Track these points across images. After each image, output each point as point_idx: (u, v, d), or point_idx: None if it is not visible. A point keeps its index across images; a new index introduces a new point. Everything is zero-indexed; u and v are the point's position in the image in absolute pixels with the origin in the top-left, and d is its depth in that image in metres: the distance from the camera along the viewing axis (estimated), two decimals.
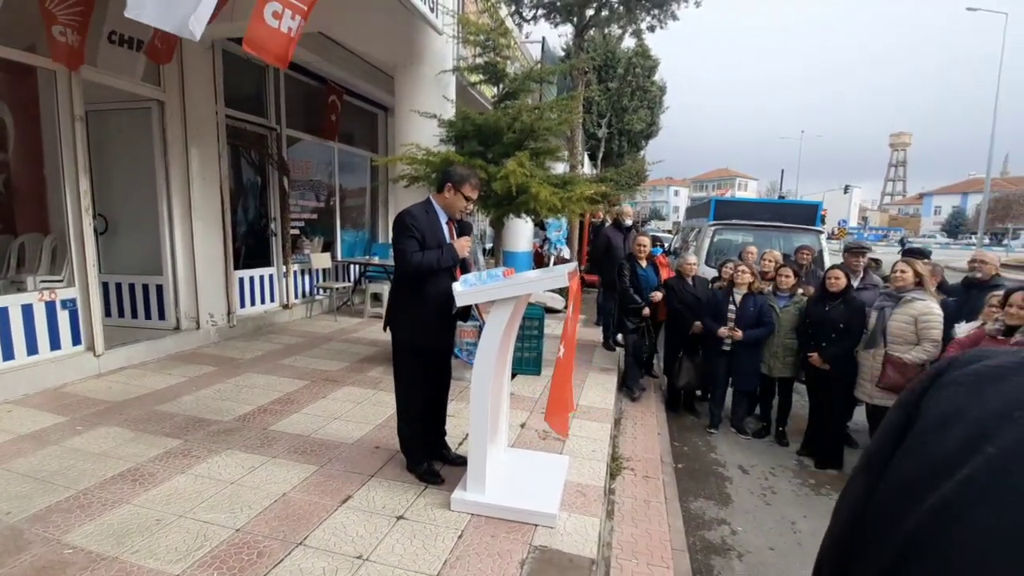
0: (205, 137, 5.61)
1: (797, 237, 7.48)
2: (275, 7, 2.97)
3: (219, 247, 5.87)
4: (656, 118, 21.35)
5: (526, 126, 3.90)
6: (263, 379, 4.60)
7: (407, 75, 4.81)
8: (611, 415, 4.26)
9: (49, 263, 4.69)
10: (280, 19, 2.98)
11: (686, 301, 5.02)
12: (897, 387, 3.83)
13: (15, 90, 4.70)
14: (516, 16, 8.74)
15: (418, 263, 2.68)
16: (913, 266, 3.98)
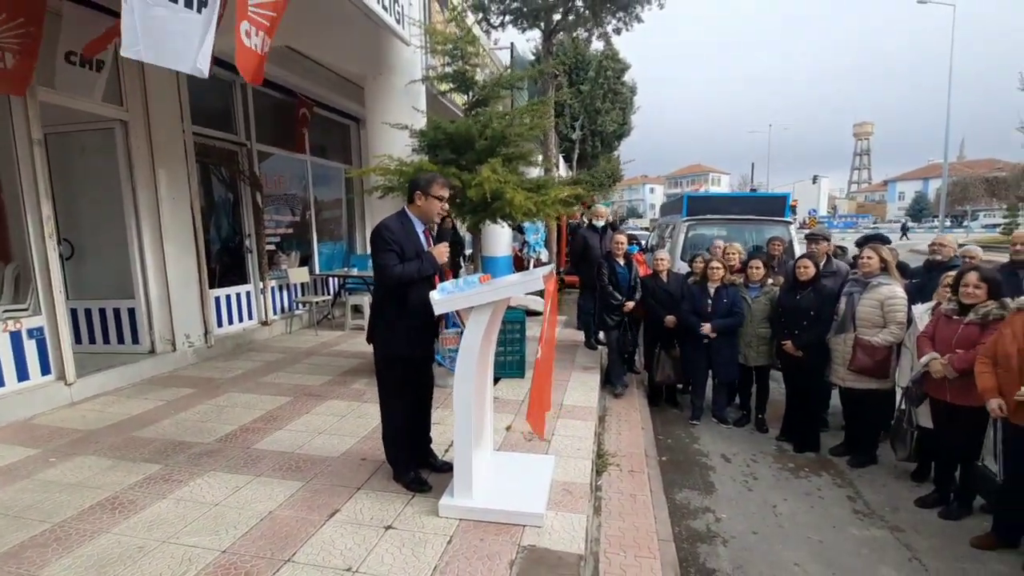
0: (173, 156, 5.52)
1: (769, 229, 7.66)
2: (245, 26, 2.97)
3: (192, 266, 5.78)
4: (628, 118, 21.68)
5: (497, 133, 3.95)
6: (244, 398, 4.54)
7: (377, 86, 4.82)
8: (595, 413, 4.31)
9: (12, 292, 4.56)
10: (250, 36, 2.97)
11: (659, 297, 5.12)
12: (867, 369, 3.95)
13: None
14: (484, 23, 8.80)
15: (399, 275, 2.69)
16: (879, 252, 4.12)
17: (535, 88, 10.19)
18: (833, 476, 4.02)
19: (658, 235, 11.28)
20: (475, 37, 4.61)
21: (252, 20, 3.00)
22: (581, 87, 17.92)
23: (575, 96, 17.82)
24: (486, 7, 8.33)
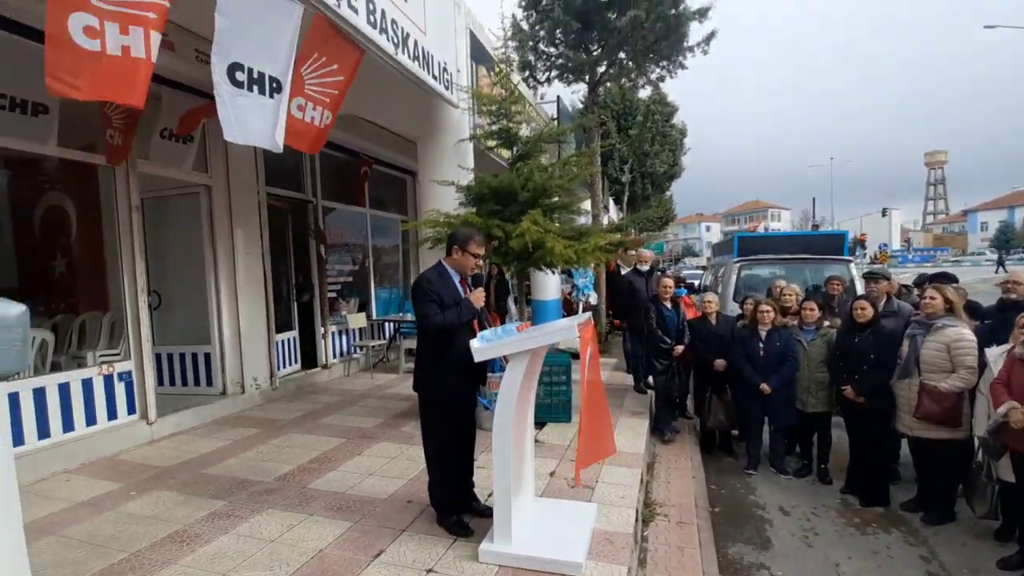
0: (248, 214, 6.10)
1: (828, 268, 7.39)
2: (299, 101, 3.36)
3: (262, 314, 6.26)
4: (678, 159, 21.69)
5: (538, 185, 4.15)
6: (303, 438, 4.80)
7: (428, 146, 5.19)
8: (642, 460, 4.23)
9: (108, 339, 5.11)
10: (304, 111, 3.35)
11: (708, 341, 5.03)
12: (935, 417, 3.70)
13: (78, 184, 5.28)
14: (531, 79, 9.26)
15: (441, 323, 2.86)
16: (943, 292, 3.92)
17: (582, 137, 10.49)
18: (904, 533, 3.72)
19: (712, 276, 11.07)
20: (519, 97, 4.91)
21: (309, 96, 3.38)
22: (630, 131, 18.20)
23: (623, 141, 18.09)
24: (532, 65, 8.79)
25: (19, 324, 0.41)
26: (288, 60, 3.08)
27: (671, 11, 7.49)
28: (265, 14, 2.88)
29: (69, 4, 2.11)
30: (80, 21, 2.15)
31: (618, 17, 7.60)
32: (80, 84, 2.19)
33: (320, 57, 3.45)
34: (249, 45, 2.85)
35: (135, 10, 2.29)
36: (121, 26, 2.26)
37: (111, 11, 2.22)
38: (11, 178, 5.30)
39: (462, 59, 5.22)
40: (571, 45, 8.31)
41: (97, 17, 2.20)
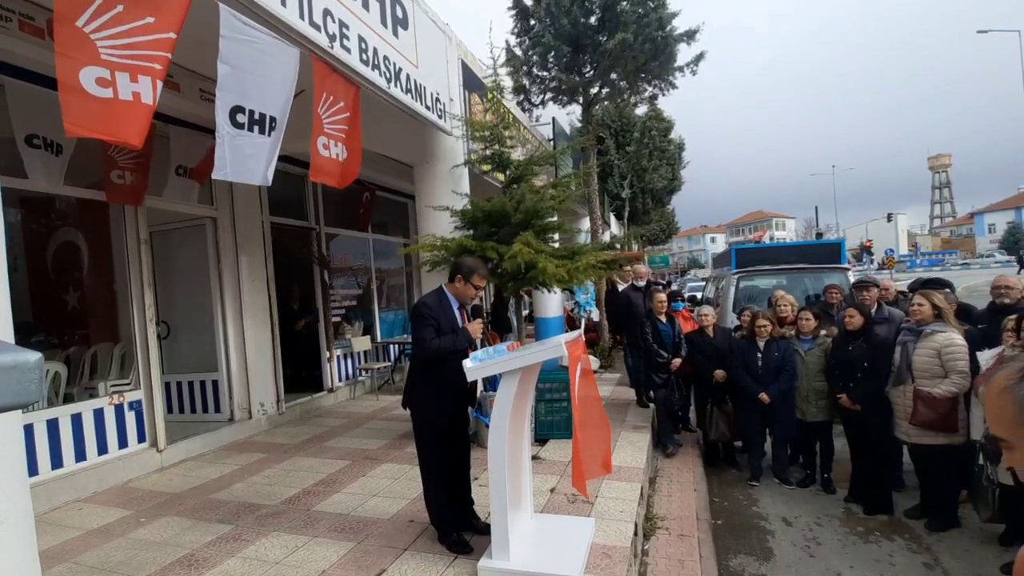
0: (253, 243, 6.27)
1: (826, 276, 7.43)
2: (323, 140, 3.56)
3: (268, 341, 6.38)
4: (677, 174, 21.88)
5: (530, 207, 4.28)
6: (308, 462, 4.87)
7: (424, 172, 5.36)
8: (642, 474, 4.26)
9: (119, 369, 5.24)
10: (328, 149, 3.55)
11: (706, 353, 5.09)
12: (931, 423, 3.73)
13: (89, 220, 5.48)
14: (526, 103, 9.48)
15: (436, 348, 2.96)
16: (930, 298, 3.98)
17: (579, 155, 10.67)
18: (908, 541, 3.73)
19: (713, 288, 11.11)
20: (511, 122, 5.07)
21: (329, 135, 3.57)
22: (627, 148, 18.43)
23: (622, 157, 18.31)
24: (527, 89, 9.01)
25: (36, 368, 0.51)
26: (287, 100, 3.24)
27: (658, 33, 7.71)
28: (264, 59, 3.05)
29: (79, 59, 2.28)
30: (92, 73, 2.31)
31: (607, 40, 7.83)
32: (94, 127, 2.35)
33: (328, 96, 3.64)
34: (249, 88, 3.01)
35: (143, 61, 2.45)
36: (131, 75, 2.42)
37: (120, 63, 2.39)
38: (26, 216, 5.51)
39: (455, 88, 5.41)
40: (564, 68, 8.55)
41: (108, 69, 2.36)
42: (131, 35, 2.38)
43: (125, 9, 2.35)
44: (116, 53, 2.38)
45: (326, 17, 3.48)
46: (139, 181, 4.71)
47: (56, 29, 2.23)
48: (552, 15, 8.17)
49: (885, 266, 37.17)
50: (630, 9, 7.90)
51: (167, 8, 2.47)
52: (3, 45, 3.62)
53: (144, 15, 2.40)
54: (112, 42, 2.34)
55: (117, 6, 2.33)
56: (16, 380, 0.54)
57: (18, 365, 0.54)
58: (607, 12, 8.12)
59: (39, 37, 3.78)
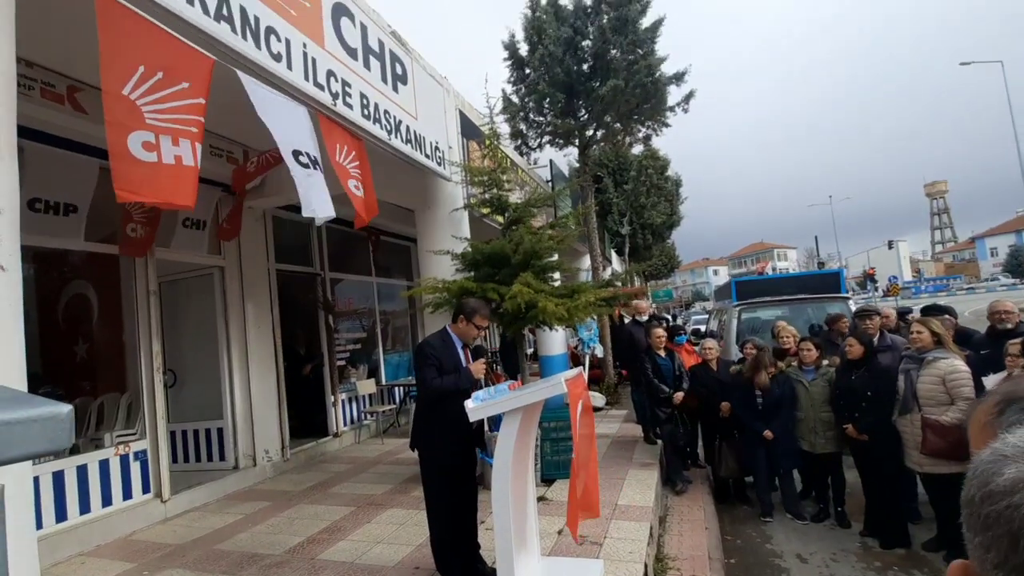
0: (259, 291, 6.39)
1: (829, 306, 7.47)
2: (353, 183, 3.80)
3: (273, 387, 6.41)
4: (676, 209, 22.21)
5: (529, 248, 4.39)
6: (313, 509, 4.82)
7: (425, 217, 5.52)
8: (651, 513, 4.20)
9: (125, 418, 5.26)
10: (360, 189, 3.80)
11: (710, 386, 5.08)
12: (942, 452, 3.68)
13: (100, 272, 5.63)
14: (523, 147, 9.79)
15: (439, 387, 3.00)
16: (928, 325, 4.00)
17: (577, 195, 10.91)
18: (927, 575, 3.62)
19: (716, 321, 11.13)
20: (508, 166, 5.25)
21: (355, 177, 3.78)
22: (625, 186, 18.82)
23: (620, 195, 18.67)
24: (524, 134, 9.33)
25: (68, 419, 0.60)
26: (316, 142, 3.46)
27: (648, 79, 8.03)
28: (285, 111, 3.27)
29: (127, 126, 2.43)
30: (139, 138, 2.46)
31: (600, 86, 8.16)
32: (143, 191, 2.49)
33: (342, 147, 3.84)
34: (293, 134, 3.23)
35: (182, 125, 2.62)
36: (173, 139, 2.59)
37: (163, 127, 2.55)
38: (39, 271, 5.66)
39: (453, 137, 5.64)
40: (559, 113, 8.87)
41: (153, 133, 2.49)
42: (170, 100, 2.57)
43: (165, 76, 2.53)
44: (159, 118, 2.55)
45: (329, 77, 3.69)
46: (148, 235, 4.87)
47: (105, 100, 2.37)
48: (546, 64, 8.55)
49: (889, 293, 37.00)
50: (620, 57, 8.27)
51: (197, 74, 2.67)
52: (26, 112, 3.84)
53: (181, 81, 2.60)
54: (155, 107, 2.52)
55: (158, 73, 2.51)
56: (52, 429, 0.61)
57: (54, 416, 0.62)
58: (598, 60, 8.50)
59: (59, 103, 4.01)
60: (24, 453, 0.60)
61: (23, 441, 0.59)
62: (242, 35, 2.99)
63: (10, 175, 2.09)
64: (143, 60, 2.47)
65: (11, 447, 0.58)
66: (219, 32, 2.83)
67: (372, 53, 4.34)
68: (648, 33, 8.60)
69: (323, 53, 3.68)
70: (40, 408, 0.62)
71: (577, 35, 8.62)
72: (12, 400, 0.64)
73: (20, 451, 0.59)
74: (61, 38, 3.45)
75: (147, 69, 2.48)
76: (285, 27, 3.33)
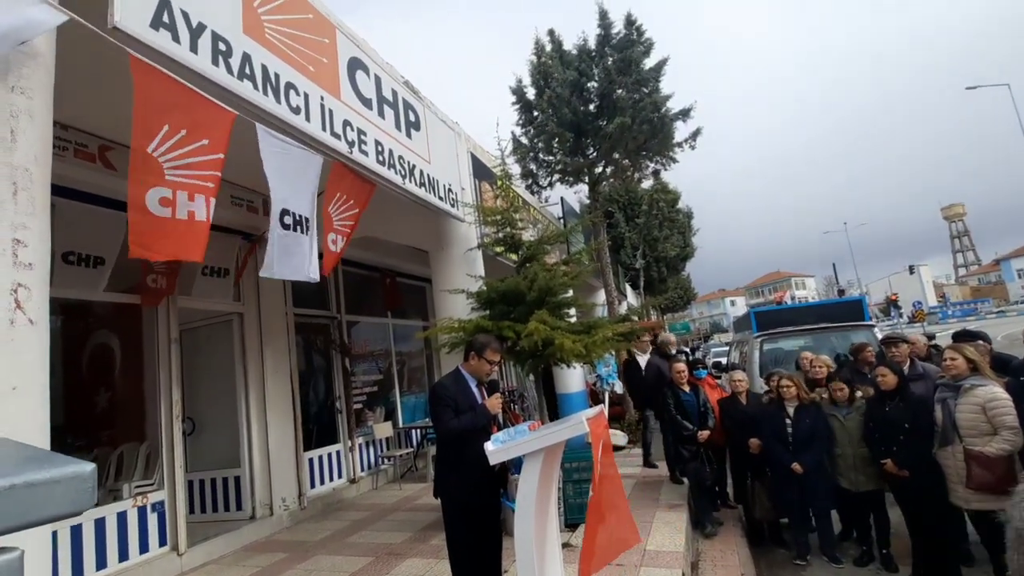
0: (277, 336, 6.44)
1: (853, 334, 7.29)
2: (332, 236, 3.81)
3: (290, 433, 6.36)
4: (689, 241, 22.21)
5: (543, 285, 4.39)
6: (330, 560, 4.68)
7: (439, 258, 5.58)
8: (683, 558, 4.00)
9: (143, 469, 5.23)
10: (336, 244, 3.78)
11: (739, 421, 4.91)
12: (989, 486, 3.48)
13: (122, 321, 5.73)
14: (534, 186, 9.95)
15: (456, 428, 2.95)
16: (962, 351, 3.86)
17: (589, 231, 10.98)
18: None
19: (737, 352, 10.91)
20: (520, 205, 5.32)
21: (337, 231, 3.80)
22: (637, 220, 18.94)
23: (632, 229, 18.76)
24: (535, 173, 9.50)
25: (91, 478, 0.58)
26: (313, 201, 3.51)
27: (655, 115, 8.19)
28: (295, 166, 3.35)
29: (149, 181, 2.52)
30: (156, 194, 2.54)
31: (607, 124, 8.32)
32: (154, 247, 2.55)
33: (341, 196, 3.92)
34: (289, 193, 3.31)
35: (199, 180, 2.71)
36: (189, 194, 2.66)
37: (181, 182, 2.63)
38: (65, 321, 5.79)
39: (465, 178, 5.75)
40: (568, 152, 9.04)
41: (171, 189, 2.56)
42: (191, 156, 2.66)
43: (188, 133, 2.63)
44: (178, 174, 2.64)
45: (345, 127, 3.81)
46: (169, 284, 4.98)
47: (132, 158, 2.47)
48: (554, 106, 8.78)
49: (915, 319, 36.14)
50: (626, 96, 8.47)
51: (218, 130, 2.76)
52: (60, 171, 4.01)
53: (202, 137, 2.69)
54: (176, 163, 2.61)
55: (182, 131, 2.61)
56: (75, 490, 0.60)
57: (77, 476, 0.61)
58: (604, 100, 8.71)
59: (91, 161, 4.19)
60: (47, 516, 0.58)
61: (46, 503, 0.58)
62: (263, 91, 3.12)
63: (42, 232, 2.16)
64: (169, 119, 2.56)
65: (34, 510, 0.57)
66: (242, 90, 2.96)
67: (386, 102, 4.49)
68: (652, 72, 8.83)
69: (339, 104, 3.81)
70: (63, 468, 0.60)
71: (583, 77, 8.88)
72: (34, 459, 0.63)
73: (43, 514, 0.58)
74: (94, 100, 3.63)
75: (172, 127, 2.57)
76: (304, 82, 3.47)
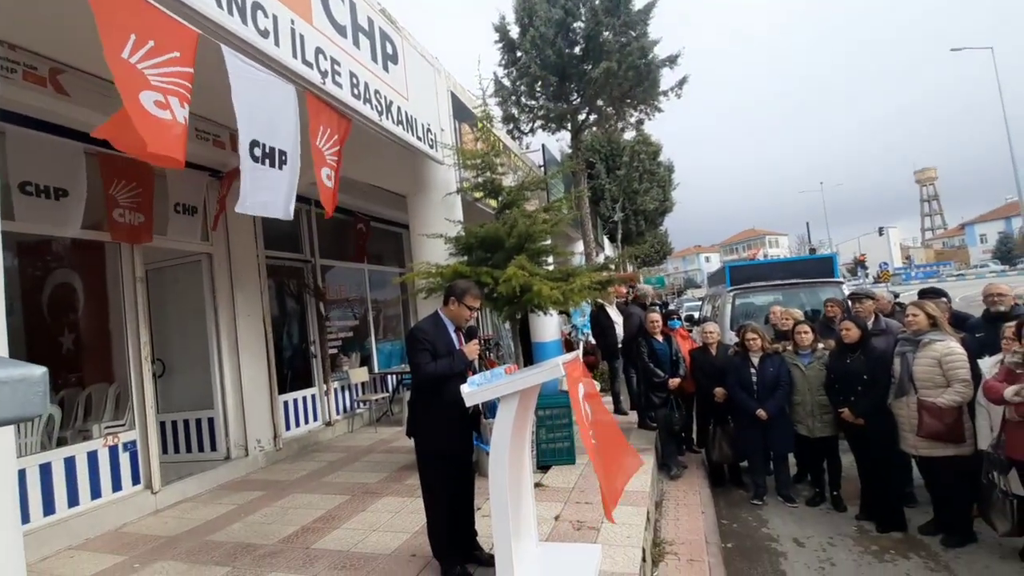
0: (248, 278, 6.27)
1: (822, 291, 7.47)
2: (326, 171, 3.68)
3: (264, 375, 6.32)
4: (668, 195, 22.17)
5: (523, 231, 4.32)
6: (307, 498, 4.77)
7: (417, 202, 5.42)
8: (648, 498, 4.18)
9: (113, 409, 5.16)
10: (331, 180, 3.66)
11: (708, 371, 5.05)
12: (938, 434, 3.68)
13: (85, 260, 5.49)
14: (515, 131, 9.66)
15: (432, 372, 2.94)
16: (924, 308, 3.99)
17: (569, 180, 10.82)
18: (925, 558, 3.64)
19: (709, 307, 11.14)
20: (501, 149, 5.15)
21: (329, 165, 3.64)
22: (618, 172, 18.74)
23: (613, 181, 18.59)
24: (516, 118, 9.20)
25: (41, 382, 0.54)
26: (291, 135, 3.32)
27: (641, 61, 7.93)
28: (268, 95, 3.14)
29: (135, 85, 2.38)
30: (150, 97, 2.43)
31: (592, 69, 8.04)
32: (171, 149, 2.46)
33: (325, 129, 3.71)
34: (261, 124, 3.11)
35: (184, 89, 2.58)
36: (180, 100, 2.56)
37: (170, 89, 2.51)
38: (22, 259, 5.51)
39: (445, 119, 5.52)
40: (551, 97, 8.75)
41: (161, 93, 2.48)
42: (165, 66, 2.52)
43: (156, 45, 2.49)
44: (159, 81, 2.50)
45: (318, 55, 3.57)
46: (143, 219, 4.75)
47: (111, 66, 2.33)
48: (537, 47, 8.40)
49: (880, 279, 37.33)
50: (613, 39, 8.15)
51: (185, 45, 2.61)
52: (8, 95, 3.69)
53: (172, 50, 2.56)
54: (154, 71, 2.48)
55: (149, 41, 2.46)
56: (23, 393, 0.56)
57: (25, 379, 0.56)
58: (590, 42, 8.36)
59: (41, 85, 3.86)
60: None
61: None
62: (228, 10, 2.87)
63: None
64: (134, 29, 2.42)
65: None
66: (203, 7, 2.71)
67: (362, 31, 4.21)
68: (640, 15, 8.48)
69: (311, 30, 3.55)
70: (10, 370, 0.56)
71: (568, 16, 8.48)
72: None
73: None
74: (44, 19, 3.30)
75: (139, 37, 2.43)
76: (272, 2, 3.20)
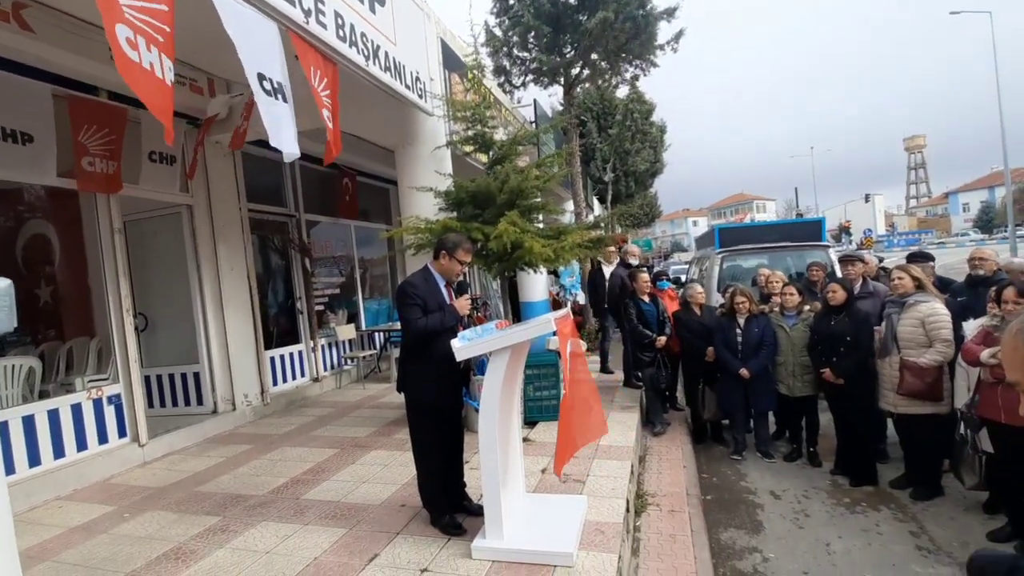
0: (231, 232, 6.11)
1: (808, 254, 7.52)
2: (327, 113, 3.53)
3: (249, 331, 6.25)
4: (660, 156, 21.86)
5: (514, 187, 4.21)
6: (296, 451, 4.81)
7: (406, 154, 5.25)
8: (632, 452, 4.28)
9: (96, 363, 5.09)
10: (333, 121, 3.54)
11: (695, 331, 5.10)
12: (918, 392, 3.78)
13: (59, 211, 5.28)
14: (507, 84, 9.35)
15: (423, 327, 2.90)
16: (909, 271, 4.04)
17: (561, 138, 10.59)
18: (894, 511, 3.80)
19: (697, 269, 11.19)
20: (492, 102, 4.97)
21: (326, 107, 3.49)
22: (610, 131, 18.36)
23: (604, 140, 18.25)
24: (507, 70, 8.88)
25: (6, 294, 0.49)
26: (284, 69, 3.14)
27: (639, 11, 7.63)
28: (256, 31, 2.95)
29: (113, 11, 2.16)
30: (123, 32, 2.17)
31: (588, 19, 7.72)
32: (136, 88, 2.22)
33: (316, 70, 3.52)
34: (261, 57, 2.93)
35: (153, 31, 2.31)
36: (146, 42, 2.27)
37: (138, 25, 2.24)
38: None
39: (434, 67, 5.28)
40: (544, 49, 8.42)
41: (132, 30, 2.22)
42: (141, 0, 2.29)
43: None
44: (133, 15, 2.26)
45: None
46: (113, 168, 4.54)
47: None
48: None
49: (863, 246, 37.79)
50: None
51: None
52: None
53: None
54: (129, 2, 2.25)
55: None
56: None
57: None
58: None
59: (3, 20, 3.58)
60: None
61: None
62: None
63: None
64: None
65: None
66: None
67: None
68: None
69: None
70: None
71: None
72: None
73: None
74: None
75: None
76: None
